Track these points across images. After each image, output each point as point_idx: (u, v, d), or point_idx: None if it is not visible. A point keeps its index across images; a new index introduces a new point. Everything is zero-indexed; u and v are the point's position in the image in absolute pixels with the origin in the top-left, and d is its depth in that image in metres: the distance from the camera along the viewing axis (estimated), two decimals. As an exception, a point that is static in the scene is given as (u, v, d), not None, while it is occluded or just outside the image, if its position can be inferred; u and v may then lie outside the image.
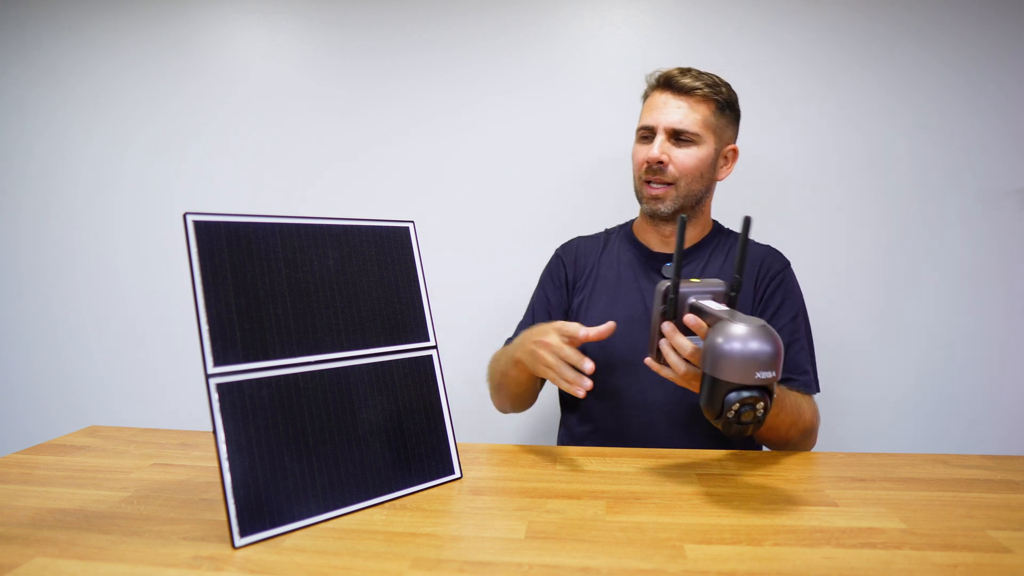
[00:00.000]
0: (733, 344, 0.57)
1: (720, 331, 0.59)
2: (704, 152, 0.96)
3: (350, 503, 0.62)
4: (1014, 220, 1.31)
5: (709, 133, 0.96)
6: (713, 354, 0.58)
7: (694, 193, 0.98)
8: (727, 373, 0.57)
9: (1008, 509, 0.63)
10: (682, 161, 0.95)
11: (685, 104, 0.95)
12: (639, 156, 0.99)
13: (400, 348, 0.70)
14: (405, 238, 0.74)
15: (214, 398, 0.56)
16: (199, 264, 0.57)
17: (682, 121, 0.95)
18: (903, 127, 1.33)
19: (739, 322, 0.59)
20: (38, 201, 1.58)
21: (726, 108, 0.98)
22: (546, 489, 0.68)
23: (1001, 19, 1.29)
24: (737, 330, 0.58)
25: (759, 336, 0.57)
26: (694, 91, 0.95)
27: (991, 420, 1.33)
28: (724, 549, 0.53)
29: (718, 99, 0.96)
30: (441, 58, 1.44)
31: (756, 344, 0.57)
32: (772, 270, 0.99)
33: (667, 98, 0.96)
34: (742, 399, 0.57)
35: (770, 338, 0.57)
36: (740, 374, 0.57)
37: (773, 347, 0.57)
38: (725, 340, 0.58)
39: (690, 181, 0.96)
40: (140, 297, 1.55)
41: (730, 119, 1.00)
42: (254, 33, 1.49)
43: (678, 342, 0.68)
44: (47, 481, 0.70)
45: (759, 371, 0.57)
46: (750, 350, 0.57)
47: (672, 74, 0.96)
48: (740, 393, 0.58)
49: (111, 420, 1.47)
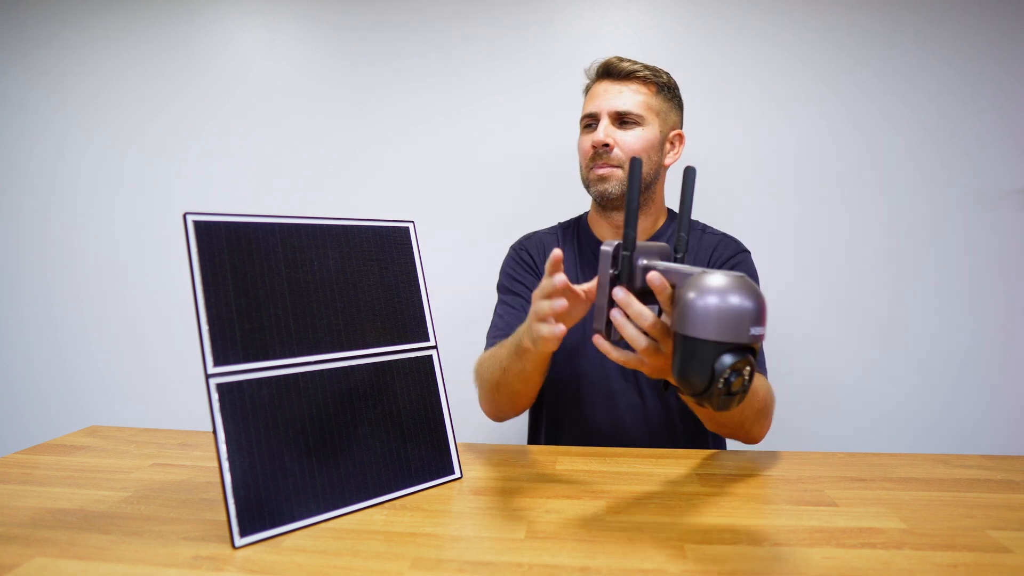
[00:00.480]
0: (722, 297, 0.49)
1: (699, 285, 0.50)
2: (650, 133, 0.95)
3: (350, 503, 0.62)
4: (1014, 220, 1.31)
5: (652, 115, 0.96)
6: (696, 311, 0.50)
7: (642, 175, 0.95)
8: (716, 331, 0.49)
9: (1008, 509, 0.63)
10: (628, 143, 0.94)
11: (626, 88, 0.95)
12: (584, 144, 0.98)
13: (400, 348, 0.70)
14: (405, 238, 0.74)
15: (214, 398, 0.56)
16: (199, 264, 0.57)
17: (624, 103, 0.94)
18: (903, 127, 1.33)
19: (717, 273, 0.51)
20: (38, 201, 1.58)
21: (666, 91, 0.98)
22: (546, 489, 0.68)
23: (1001, 19, 1.29)
24: (720, 281, 0.50)
25: (745, 288, 0.50)
26: (633, 74, 0.95)
27: (991, 420, 1.33)
28: (724, 549, 0.53)
29: (658, 82, 0.96)
30: (441, 59, 1.44)
31: (746, 296, 0.49)
32: (725, 255, 0.98)
33: (607, 85, 0.96)
34: (735, 363, 0.49)
35: (755, 290, 0.50)
36: (733, 331, 0.49)
37: (760, 299, 0.50)
38: (711, 293, 0.50)
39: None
40: (140, 297, 1.55)
41: (672, 104, 0.99)
42: (254, 33, 1.49)
43: (637, 310, 0.57)
44: (47, 481, 0.70)
45: (753, 326, 0.49)
46: (741, 303, 0.49)
47: (610, 62, 0.97)
48: (732, 355, 0.49)
49: (111, 420, 1.47)
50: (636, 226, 0.59)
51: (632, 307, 0.58)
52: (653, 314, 0.57)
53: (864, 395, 1.36)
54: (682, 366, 0.52)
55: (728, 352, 0.49)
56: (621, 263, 0.59)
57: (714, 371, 0.49)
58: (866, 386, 1.36)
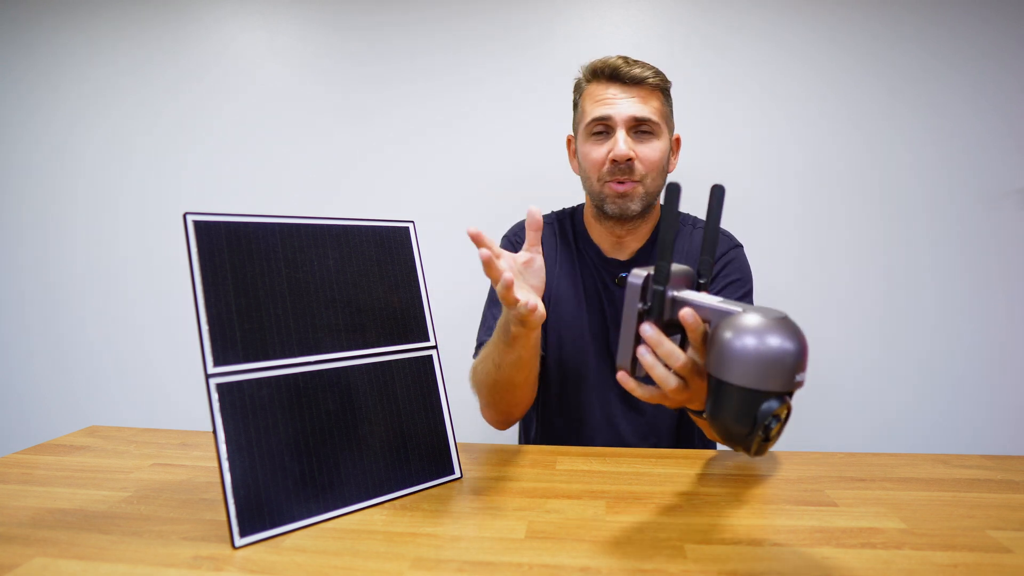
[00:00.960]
0: (766, 342, 0.46)
1: (740, 328, 0.47)
2: (664, 144, 0.91)
3: (350, 503, 0.62)
4: (1014, 220, 1.31)
5: (664, 123, 0.91)
6: (738, 357, 0.47)
7: (657, 188, 0.92)
8: (761, 380, 0.46)
9: (1008, 509, 0.63)
10: (648, 156, 0.89)
11: (637, 95, 0.88)
12: (596, 155, 0.90)
13: (400, 348, 0.70)
14: (405, 238, 0.74)
15: (214, 398, 0.56)
16: (199, 264, 0.57)
17: (643, 111, 0.88)
18: (903, 127, 1.33)
19: (758, 314, 0.48)
20: (40, 201, 1.58)
21: (668, 96, 0.94)
22: (546, 489, 0.68)
23: (1001, 19, 1.29)
24: (763, 324, 0.47)
25: (788, 330, 0.47)
26: (644, 81, 0.88)
27: (991, 420, 1.33)
28: (724, 549, 0.53)
29: (664, 86, 0.91)
30: (441, 60, 1.44)
31: (789, 339, 0.46)
32: (717, 251, 0.93)
33: (615, 91, 0.89)
34: (776, 409, 0.46)
35: (797, 331, 0.47)
36: (778, 379, 0.46)
37: (803, 341, 0.47)
38: (754, 336, 0.46)
39: (655, 176, 0.91)
40: (140, 297, 1.55)
41: (671, 106, 0.96)
42: (255, 36, 1.49)
43: (667, 350, 0.54)
44: (47, 481, 0.70)
45: (799, 373, 0.47)
46: (786, 348, 0.46)
47: (616, 64, 0.89)
48: (773, 402, 0.46)
49: (111, 420, 1.47)
50: (671, 258, 0.54)
51: (663, 346, 0.54)
52: (684, 354, 0.54)
53: (864, 395, 1.36)
54: (721, 413, 0.49)
55: (770, 399, 0.47)
56: (652, 298, 0.54)
57: (756, 419, 0.47)
58: (866, 386, 1.36)
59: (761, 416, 0.47)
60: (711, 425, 0.51)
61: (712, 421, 0.50)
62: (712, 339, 0.50)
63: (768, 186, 1.36)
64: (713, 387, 0.50)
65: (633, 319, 0.55)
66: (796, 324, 0.48)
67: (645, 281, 0.55)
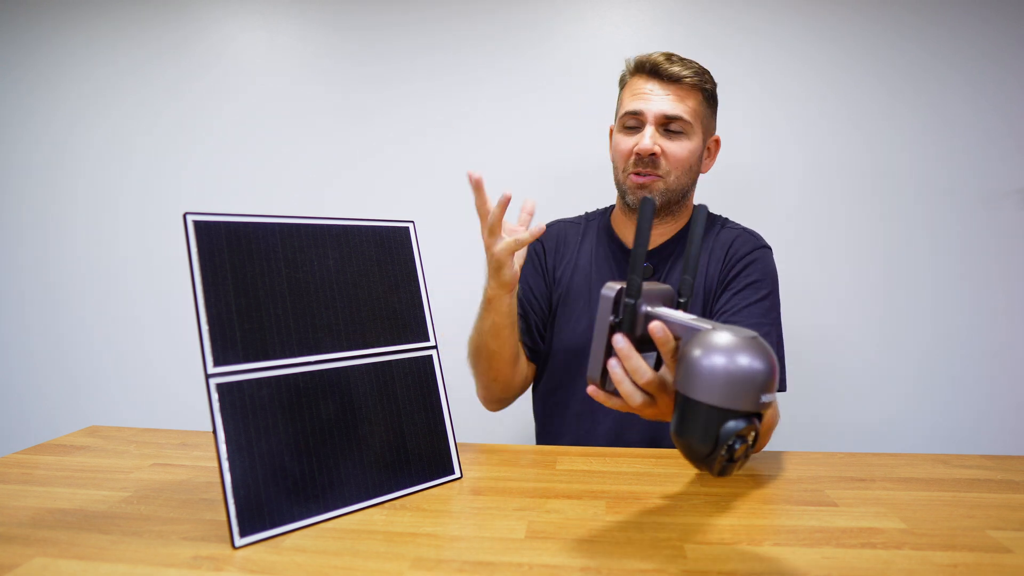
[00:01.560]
0: (732, 360, 0.46)
1: (707, 345, 0.47)
2: (694, 144, 0.92)
3: (350, 503, 0.62)
4: (1014, 220, 1.31)
5: (698, 124, 0.92)
6: (703, 373, 0.46)
7: (681, 187, 0.93)
8: (724, 398, 0.46)
9: (1008, 509, 0.63)
10: (675, 153, 0.90)
11: (673, 93, 0.90)
12: (624, 146, 0.93)
13: (400, 348, 0.70)
14: (405, 238, 0.74)
15: (214, 398, 0.56)
16: (199, 264, 0.57)
17: (676, 109, 0.89)
18: (903, 127, 1.33)
19: (727, 332, 0.47)
20: (41, 201, 1.58)
21: (711, 98, 0.94)
22: (546, 489, 0.68)
23: (1001, 19, 1.29)
24: (731, 342, 0.47)
25: (757, 350, 0.46)
26: (683, 80, 0.90)
27: (991, 420, 1.33)
28: (724, 549, 0.53)
29: (705, 88, 0.92)
30: (441, 60, 1.44)
31: (756, 359, 0.46)
32: (741, 251, 0.94)
33: (653, 86, 0.91)
34: (741, 430, 0.46)
35: (767, 351, 0.47)
36: (742, 398, 0.46)
37: (772, 362, 0.47)
38: (721, 355, 0.46)
39: (680, 174, 0.92)
40: (140, 297, 1.55)
41: (713, 109, 0.96)
42: (255, 36, 1.49)
43: (634, 365, 0.53)
44: (47, 481, 0.70)
45: (764, 394, 0.46)
46: (752, 368, 0.46)
47: (658, 61, 0.90)
48: (738, 422, 0.46)
49: (111, 420, 1.47)
50: (641, 272, 0.54)
51: (631, 360, 0.53)
52: (651, 370, 0.54)
53: (864, 395, 1.36)
54: (684, 429, 0.48)
55: (734, 419, 0.46)
56: (623, 311, 0.54)
57: (718, 438, 0.46)
58: (866, 386, 1.36)
59: (724, 435, 0.46)
60: (676, 443, 0.50)
61: (676, 438, 0.50)
62: (681, 355, 0.49)
63: (768, 186, 1.36)
64: (680, 404, 0.49)
65: (604, 331, 0.55)
66: (766, 345, 0.48)
67: (617, 294, 0.54)
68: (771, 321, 0.89)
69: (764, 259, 0.94)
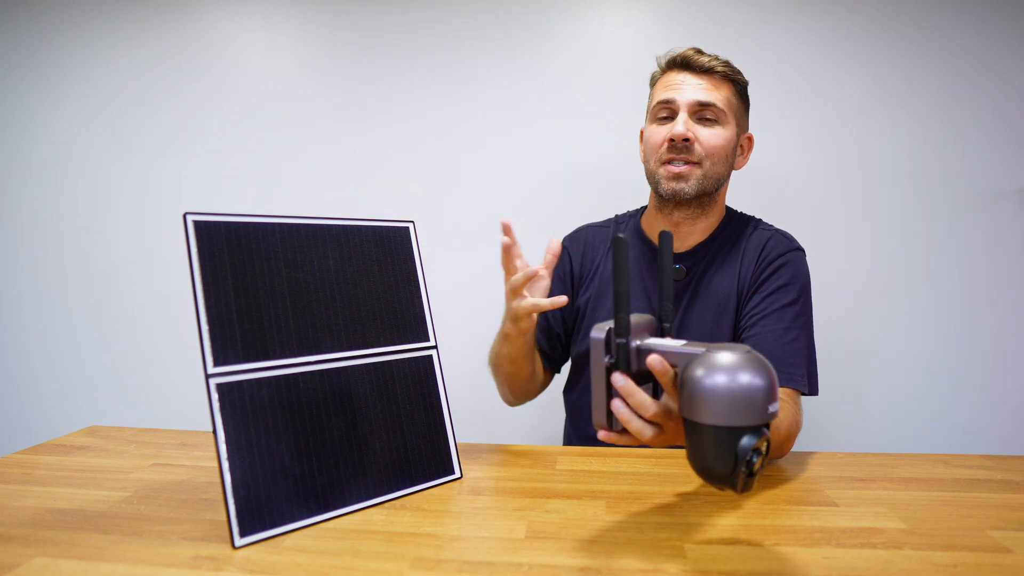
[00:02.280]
0: (735, 378, 0.47)
1: (707, 367, 0.48)
2: (729, 133, 0.91)
3: (350, 503, 0.62)
4: (1014, 220, 1.31)
5: (731, 114, 0.92)
6: (710, 396, 0.47)
7: (717, 176, 0.92)
8: (735, 416, 0.47)
9: (1008, 509, 0.63)
10: (708, 140, 0.90)
11: (706, 82, 0.90)
12: (658, 136, 0.91)
13: (400, 348, 0.70)
14: (405, 238, 0.74)
15: (214, 398, 0.56)
16: (199, 264, 0.57)
17: (708, 96, 0.89)
18: (903, 127, 1.33)
19: (723, 352, 0.49)
20: (40, 201, 1.58)
21: (743, 92, 0.95)
22: (546, 489, 0.68)
23: (1001, 19, 1.29)
24: (734, 361, 0.48)
25: (755, 364, 0.48)
26: (714, 71, 0.90)
27: (991, 420, 1.33)
28: (724, 549, 0.53)
29: (736, 80, 0.93)
30: (441, 60, 1.44)
31: (757, 374, 0.47)
32: (773, 253, 0.93)
33: (685, 76, 0.91)
34: (756, 443, 0.47)
35: (764, 365, 0.49)
36: (754, 413, 0.47)
37: (771, 373, 0.48)
38: (722, 375, 0.47)
39: (716, 162, 0.91)
40: (140, 297, 1.55)
41: (746, 106, 0.96)
42: (255, 35, 1.49)
43: (639, 401, 0.53)
44: (47, 481, 0.70)
45: (771, 404, 0.47)
46: (755, 382, 0.47)
47: (688, 54, 0.91)
48: (752, 437, 0.47)
49: (111, 420, 1.47)
50: (628, 310, 0.54)
51: (635, 396, 0.54)
52: (655, 402, 0.54)
53: (864, 395, 1.36)
54: (701, 454, 0.49)
55: (747, 434, 0.47)
56: (616, 351, 0.55)
57: (737, 456, 0.47)
58: (865, 385, 1.36)
59: (742, 452, 0.47)
60: (693, 468, 0.51)
61: (693, 463, 0.51)
62: (682, 382, 0.50)
63: (766, 186, 1.36)
64: (689, 429, 0.50)
65: (602, 374, 0.56)
66: (761, 356, 0.49)
67: (607, 335, 0.55)
68: (801, 325, 0.88)
69: (796, 261, 0.93)
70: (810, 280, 0.94)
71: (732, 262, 0.94)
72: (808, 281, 0.93)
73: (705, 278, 0.95)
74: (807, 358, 0.87)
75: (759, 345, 0.85)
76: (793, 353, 0.85)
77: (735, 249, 0.95)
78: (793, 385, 0.84)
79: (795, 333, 0.87)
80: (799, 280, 0.91)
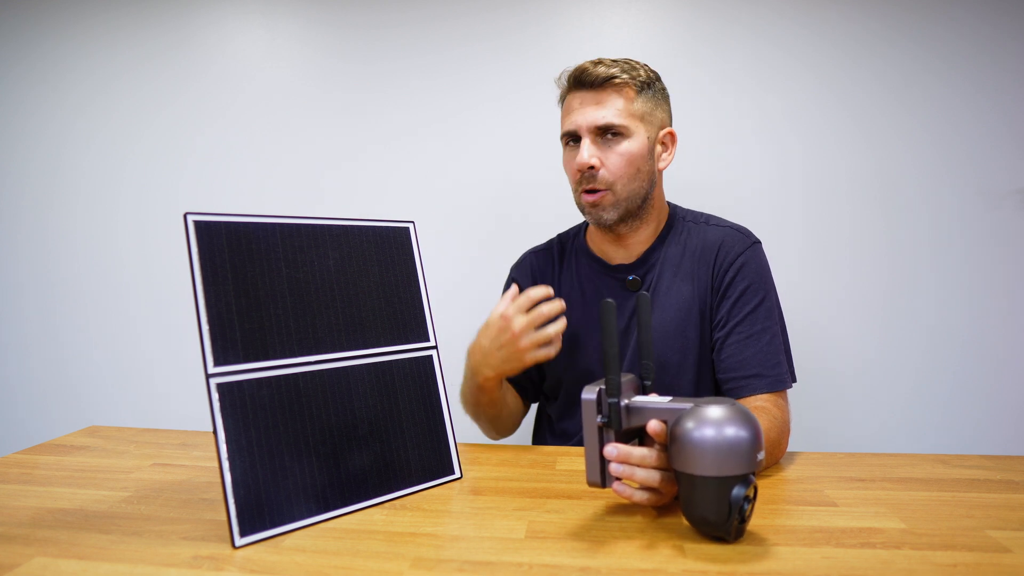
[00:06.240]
0: (726, 432, 0.51)
1: (702, 420, 0.52)
2: (636, 145, 0.87)
3: (350, 503, 0.62)
4: (1014, 220, 1.31)
5: (636, 122, 0.87)
6: (700, 450, 0.51)
7: (635, 193, 0.89)
8: (729, 466, 0.51)
9: (1008, 509, 0.63)
10: (614, 164, 0.87)
11: (603, 99, 0.87)
12: (570, 166, 0.91)
13: (400, 348, 0.70)
14: (405, 238, 0.74)
15: (214, 398, 0.56)
16: (199, 264, 0.57)
17: (604, 116, 0.86)
18: (903, 127, 1.33)
19: (710, 406, 0.53)
20: (39, 201, 1.58)
21: (647, 89, 0.89)
22: (546, 489, 0.68)
23: (1001, 19, 1.29)
24: (716, 415, 0.52)
25: (740, 416, 0.52)
26: (609, 80, 0.86)
27: (991, 420, 1.33)
28: (724, 549, 0.53)
29: (636, 82, 0.87)
30: (441, 60, 1.44)
31: (742, 426, 0.51)
32: (732, 254, 0.91)
33: (583, 96, 0.88)
34: (746, 491, 0.51)
35: (748, 416, 0.53)
36: (743, 463, 0.51)
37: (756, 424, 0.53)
38: (710, 428, 0.51)
39: (627, 182, 0.88)
40: (141, 297, 1.55)
41: (657, 100, 0.91)
42: (254, 35, 1.49)
43: (640, 456, 0.57)
44: (47, 481, 0.70)
45: (759, 452, 0.52)
46: (741, 435, 0.51)
47: (583, 68, 0.88)
48: (742, 487, 0.51)
49: (111, 420, 1.47)
50: (619, 371, 0.58)
51: (633, 456, 0.58)
52: (653, 451, 0.58)
53: (864, 395, 1.36)
54: (695, 505, 0.53)
55: (738, 484, 0.51)
56: (609, 411, 0.58)
57: (731, 505, 0.51)
58: (866, 386, 1.36)
59: (735, 502, 0.51)
60: (688, 518, 0.55)
61: (688, 513, 0.54)
62: (672, 436, 0.54)
63: (767, 186, 1.36)
64: (682, 482, 0.54)
65: (594, 433, 0.59)
66: (746, 409, 0.53)
67: (599, 396, 0.58)
68: (774, 320, 0.89)
69: (755, 258, 0.92)
70: (769, 269, 0.93)
71: (687, 265, 0.93)
72: (768, 272, 0.93)
73: (661, 286, 0.92)
74: (785, 353, 0.90)
75: (737, 355, 0.86)
76: (772, 355, 0.86)
77: (687, 250, 0.94)
78: (780, 388, 0.85)
79: (769, 335, 0.87)
80: (761, 275, 0.91)
